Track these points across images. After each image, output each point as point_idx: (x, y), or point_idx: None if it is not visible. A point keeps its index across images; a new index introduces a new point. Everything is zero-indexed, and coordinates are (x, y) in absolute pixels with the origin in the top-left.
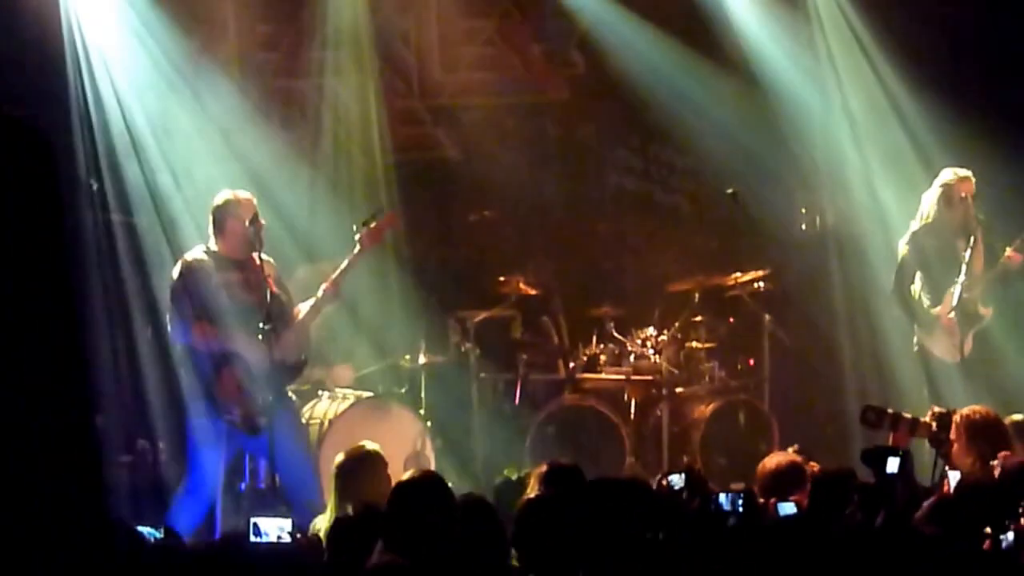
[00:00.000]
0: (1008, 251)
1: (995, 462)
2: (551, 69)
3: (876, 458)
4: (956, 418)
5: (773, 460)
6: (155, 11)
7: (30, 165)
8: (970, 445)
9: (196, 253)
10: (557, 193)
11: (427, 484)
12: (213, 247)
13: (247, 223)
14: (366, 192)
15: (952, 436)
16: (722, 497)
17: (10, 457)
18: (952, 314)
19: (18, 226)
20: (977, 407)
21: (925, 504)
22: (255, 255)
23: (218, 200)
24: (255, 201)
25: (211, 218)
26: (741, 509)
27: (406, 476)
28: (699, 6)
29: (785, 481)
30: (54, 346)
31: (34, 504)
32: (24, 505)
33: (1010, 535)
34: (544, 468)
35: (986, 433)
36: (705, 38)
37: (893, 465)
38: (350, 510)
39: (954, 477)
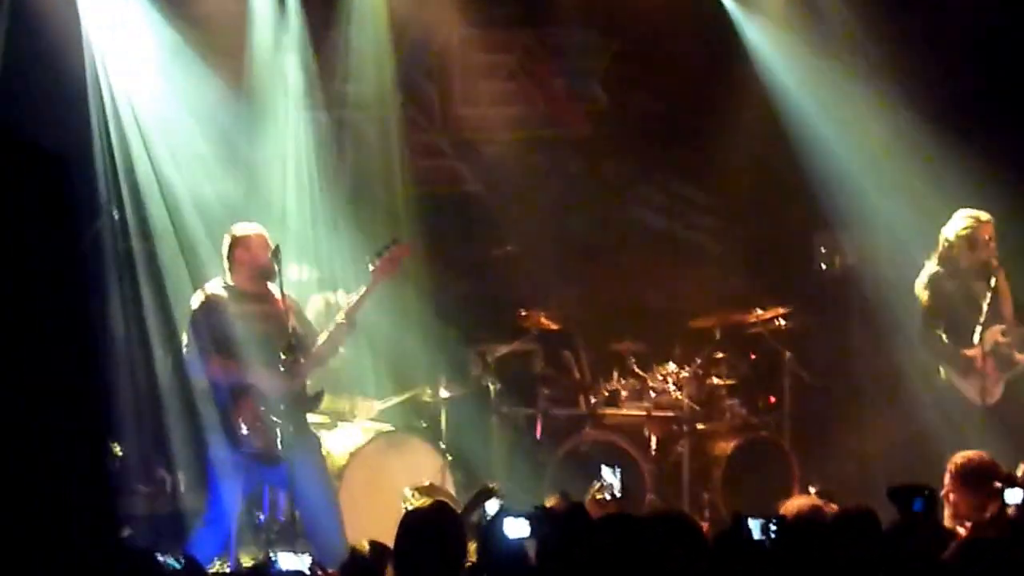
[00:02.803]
0: None
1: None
2: (573, 104)
3: (902, 496)
4: (949, 467)
5: (794, 504)
6: (180, 46)
7: (48, 189)
8: (964, 492)
9: (214, 286)
10: (579, 228)
11: (436, 514)
12: (229, 280)
13: (261, 256)
14: (387, 225)
15: (947, 486)
16: (751, 523)
17: (24, 484)
18: (986, 356)
19: (36, 251)
20: (969, 453)
21: (953, 544)
22: (272, 288)
23: (229, 235)
24: (267, 235)
25: (224, 252)
26: (774, 535)
27: (414, 506)
28: (722, 43)
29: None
30: (69, 374)
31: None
32: (38, 531)
33: None
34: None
35: (978, 479)
36: (727, 75)
37: (919, 504)
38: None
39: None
